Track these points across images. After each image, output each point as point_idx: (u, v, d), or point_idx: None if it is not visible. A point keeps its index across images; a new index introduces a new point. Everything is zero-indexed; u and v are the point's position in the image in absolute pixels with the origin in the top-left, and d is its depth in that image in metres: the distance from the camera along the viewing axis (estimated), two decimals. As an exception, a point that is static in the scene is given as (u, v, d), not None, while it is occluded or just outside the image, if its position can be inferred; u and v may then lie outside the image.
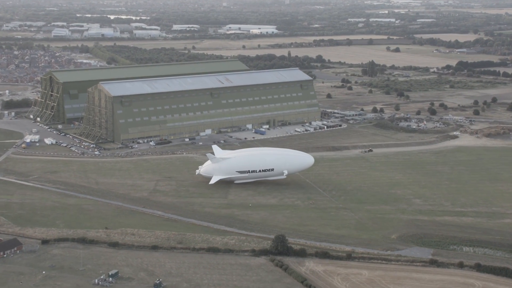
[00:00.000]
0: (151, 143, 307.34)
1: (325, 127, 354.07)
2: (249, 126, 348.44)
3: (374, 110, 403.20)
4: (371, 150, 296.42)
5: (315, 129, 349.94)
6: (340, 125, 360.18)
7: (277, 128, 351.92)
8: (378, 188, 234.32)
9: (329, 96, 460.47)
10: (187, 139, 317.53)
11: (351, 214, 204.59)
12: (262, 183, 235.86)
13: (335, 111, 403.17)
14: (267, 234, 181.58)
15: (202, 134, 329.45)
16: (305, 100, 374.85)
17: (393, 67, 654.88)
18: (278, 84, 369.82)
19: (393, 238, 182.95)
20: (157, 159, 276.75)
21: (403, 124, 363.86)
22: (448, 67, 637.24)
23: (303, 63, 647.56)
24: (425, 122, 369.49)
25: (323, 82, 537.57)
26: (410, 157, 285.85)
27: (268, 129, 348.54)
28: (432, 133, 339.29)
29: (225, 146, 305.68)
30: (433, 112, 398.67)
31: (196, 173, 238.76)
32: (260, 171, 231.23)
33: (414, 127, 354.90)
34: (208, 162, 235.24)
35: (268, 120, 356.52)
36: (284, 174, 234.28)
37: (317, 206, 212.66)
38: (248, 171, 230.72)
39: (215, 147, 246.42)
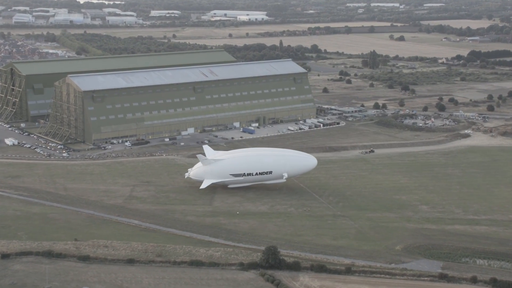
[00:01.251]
0: (127, 143, 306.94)
1: (321, 125, 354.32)
2: (237, 124, 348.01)
3: (376, 106, 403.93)
4: (372, 151, 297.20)
5: (310, 127, 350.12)
6: (338, 123, 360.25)
7: (267, 127, 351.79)
8: (381, 193, 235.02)
9: (325, 90, 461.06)
10: (167, 139, 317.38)
11: (350, 222, 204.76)
12: (251, 188, 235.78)
13: (332, 107, 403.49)
14: (257, 246, 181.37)
15: (184, 133, 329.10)
16: (298, 95, 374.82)
17: (397, 57, 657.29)
18: (268, 77, 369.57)
19: (398, 249, 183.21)
20: (133, 161, 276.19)
21: (409, 121, 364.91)
22: (458, 57, 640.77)
23: (297, 54, 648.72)
24: (433, 119, 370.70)
25: (318, 75, 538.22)
26: (416, 159, 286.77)
27: (257, 127, 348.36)
28: (440, 132, 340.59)
29: (211, 147, 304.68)
30: (442, 108, 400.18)
31: (185, 177, 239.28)
32: (257, 174, 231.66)
33: (421, 125, 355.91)
34: (199, 164, 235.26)
35: (257, 117, 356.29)
36: (284, 178, 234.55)
37: (313, 213, 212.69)
38: (244, 174, 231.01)
39: (206, 148, 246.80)
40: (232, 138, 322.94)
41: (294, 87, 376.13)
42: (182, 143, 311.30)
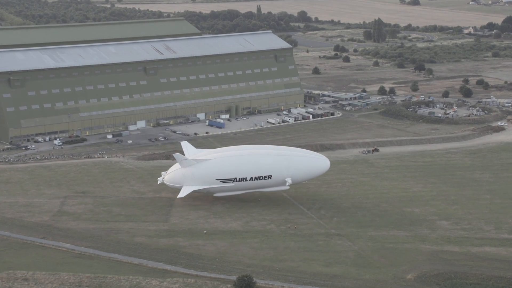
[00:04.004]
0: (56, 141, 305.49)
1: (311, 116, 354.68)
2: (201, 116, 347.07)
3: (382, 92, 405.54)
4: (377, 150, 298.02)
5: (296, 119, 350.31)
6: (333, 114, 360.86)
7: (241, 119, 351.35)
8: (387, 204, 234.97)
9: (316, 71, 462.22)
10: (110, 136, 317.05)
11: (348, 243, 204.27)
12: (219, 200, 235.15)
13: (325, 93, 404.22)
14: (226, 275, 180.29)
15: (132, 128, 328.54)
16: (281, 78, 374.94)
17: (409, 28, 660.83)
18: (242, 54, 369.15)
19: (410, 278, 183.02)
20: (64, 165, 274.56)
21: (424, 111, 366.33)
22: (490, 26, 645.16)
23: (279, 24, 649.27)
24: (455, 108, 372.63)
25: (307, 51, 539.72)
26: (434, 160, 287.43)
27: (228, 120, 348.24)
28: (466, 124, 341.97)
29: (166, 145, 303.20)
30: (467, 93, 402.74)
31: (159, 182, 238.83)
32: (252, 179, 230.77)
33: (440, 115, 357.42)
34: (176, 166, 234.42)
35: (228, 107, 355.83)
36: (287, 184, 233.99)
37: (299, 232, 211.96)
38: (235, 180, 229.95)
39: (185, 144, 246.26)
40: (196, 134, 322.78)
41: (275, 67, 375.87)
42: (130, 141, 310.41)
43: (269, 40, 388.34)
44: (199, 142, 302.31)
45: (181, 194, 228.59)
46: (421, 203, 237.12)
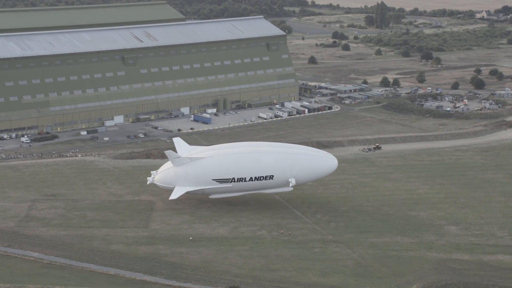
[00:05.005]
0: (24, 138, 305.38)
1: (306, 110, 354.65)
2: (185, 110, 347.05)
3: (385, 83, 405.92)
4: (378, 147, 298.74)
5: (290, 114, 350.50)
6: (330, 108, 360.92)
7: (229, 114, 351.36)
8: (390, 208, 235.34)
9: (313, 60, 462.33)
10: (84, 132, 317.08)
11: (346, 251, 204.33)
12: (205, 203, 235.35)
13: (323, 85, 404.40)
14: (212, 286, 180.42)
15: (109, 123, 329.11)
16: (274, 68, 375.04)
17: (416, 12, 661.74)
18: (231, 42, 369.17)
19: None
20: (33, 165, 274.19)
21: (431, 104, 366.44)
22: (506, 10, 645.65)
23: (272, 8, 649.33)
24: (466, 101, 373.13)
25: (303, 39, 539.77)
26: (442, 158, 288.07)
27: (215, 114, 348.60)
28: (477, 119, 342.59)
29: (146, 142, 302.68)
30: (479, 84, 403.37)
31: (148, 182, 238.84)
32: (252, 179, 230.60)
33: (449, 109, 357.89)
34: (168, 165, 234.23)
35: (215, 100, 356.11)
36: (291, 185, 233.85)
37: (293, 238, 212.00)
38: (233, 180, 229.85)
39: (178, 141, 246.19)
40: (179, 130, 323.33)
41: (267, 56, 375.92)
42: (106, 138, 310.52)
43: (260, 27, 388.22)
44: (183, 140, 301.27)
45: (174, 196, 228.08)
46: (428, 206, 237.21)
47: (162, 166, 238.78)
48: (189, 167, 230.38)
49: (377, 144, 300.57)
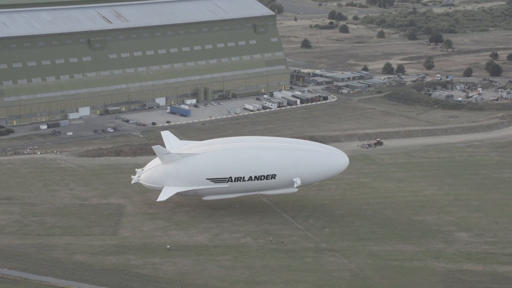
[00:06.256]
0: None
1: (298, 101, 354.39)
2: (161, 101, 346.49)
3: (388, 70, 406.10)
4: (380, 143, 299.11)
5: (280, 105, 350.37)
6: (326, 98, 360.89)
7: (211, 105, 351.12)
8: (392, 212, 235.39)
9: (306, 44, 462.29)
10: (44, 126, 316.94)
11: (342, 260, 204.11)
12: (181, 206, 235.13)
13: (317, 72, 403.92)
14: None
15: (72, 116, 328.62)
16: (262, 53, 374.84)
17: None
18: (212, 24, 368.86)
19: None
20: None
21: (440, 93, 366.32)
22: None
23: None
24: (480, 89, 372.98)
25: (295, 19, 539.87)
26: (452, 155, 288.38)
27: (195, 106, 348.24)
28: (493, 110, 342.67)
29: (116, 137, 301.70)
30: (496, 70, 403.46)
31: (133, 181, 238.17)
32: (251, 179, 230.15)
33: (460, 99, 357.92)
34: (155, 162, 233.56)
35: (195, 90, 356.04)
36: (295, 185, 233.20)
37: (282, 246, 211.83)
38: (229, 179, 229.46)
39: (166, 135, 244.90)
40: (154, 123, 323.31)
41: (254, 39, 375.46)
42: (70, 133, 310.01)
43: (246, 6, 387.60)
44: (157, 134, 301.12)
45: (162, 197, 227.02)
46: (435, 209, 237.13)
47: (149, 163, 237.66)
48: (180, 164, 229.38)
49: (378, 139, 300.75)
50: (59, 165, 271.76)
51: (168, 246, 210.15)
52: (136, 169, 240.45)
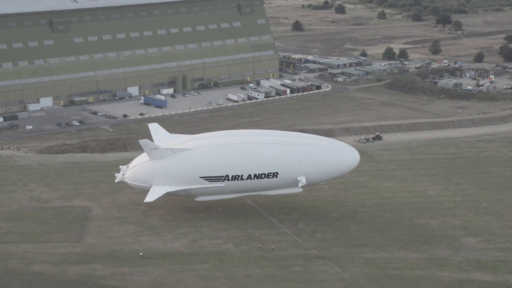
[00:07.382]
0: None
1: (288, 90, 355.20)
2: (133, 90, 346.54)
3: (389, 55, 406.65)
4: (379, 138, 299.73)
5: (267, 95, 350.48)
6: (319, 87, 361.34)
7: (190, 95, 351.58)
8: (392, 214, 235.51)
9: (297, 27, 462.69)
10: (0, 119, 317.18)
11: (335, 269, 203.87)
12: (154, 209, 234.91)
13: (310, 58, 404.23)
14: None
15: (33, 107, 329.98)
16: (247, 37, 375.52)
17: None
18: (192, 3, 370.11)
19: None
20: None
21: (447, 82, 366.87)
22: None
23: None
24: (492, 77, 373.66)
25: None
26: (460, 151, 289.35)
27: (172, 96, 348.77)
28: (506, 100, 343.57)
29: (82, 132, 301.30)
30: (511, 55, 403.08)
31: (117, 180, 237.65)
32: (250, 177, 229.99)
33: (470, 87, 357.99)
34: (142, 158, 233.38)
35: (172, 78, 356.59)
36: (300, 185, 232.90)
37: (268, 253, 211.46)
38: (226, 178, 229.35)
39: (155, 128, 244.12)
40: (125, 116, 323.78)
41: (239, 21, 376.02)
42: (30, 126, 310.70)
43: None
44: (129, 128, 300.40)
45: (150, 198, 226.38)
46: (440, 212, 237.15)
47: (135, 159, 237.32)
48: (170, 161, 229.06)
49: (377, 134, 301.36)
50: (16, 162, 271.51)
51: (141, 254, 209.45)
52: (121, 166, 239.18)
